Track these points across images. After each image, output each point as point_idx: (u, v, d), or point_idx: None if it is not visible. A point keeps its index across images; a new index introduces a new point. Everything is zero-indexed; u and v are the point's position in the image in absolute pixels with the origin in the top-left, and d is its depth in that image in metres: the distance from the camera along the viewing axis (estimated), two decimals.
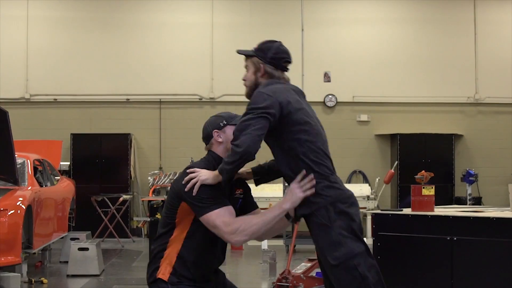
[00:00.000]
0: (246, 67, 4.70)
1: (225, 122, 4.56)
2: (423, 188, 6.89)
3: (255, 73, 4.63)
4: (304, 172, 4.39)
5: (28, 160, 11.41)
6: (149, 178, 16.16)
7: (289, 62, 4.70)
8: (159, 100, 17.47)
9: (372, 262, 4.41)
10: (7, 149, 9.76)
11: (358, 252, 4.34)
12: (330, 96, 17.96)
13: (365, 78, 18.08)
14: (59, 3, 17.97)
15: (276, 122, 4.36)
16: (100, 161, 17.18)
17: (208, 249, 4.44)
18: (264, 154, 4.83)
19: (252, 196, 4.78)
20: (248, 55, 4.69)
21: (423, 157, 17.53)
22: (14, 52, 17.61)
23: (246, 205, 4.69)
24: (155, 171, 16.32)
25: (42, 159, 12.48)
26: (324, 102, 17.94)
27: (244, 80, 4.70)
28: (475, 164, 17.99)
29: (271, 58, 4.61)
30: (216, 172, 4.34)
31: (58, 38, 17.79)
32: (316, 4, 18.02)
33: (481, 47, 18.41)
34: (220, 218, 4.25)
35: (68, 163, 16.98)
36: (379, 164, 18.03)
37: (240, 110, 4.55)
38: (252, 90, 4.60)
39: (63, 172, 16.16)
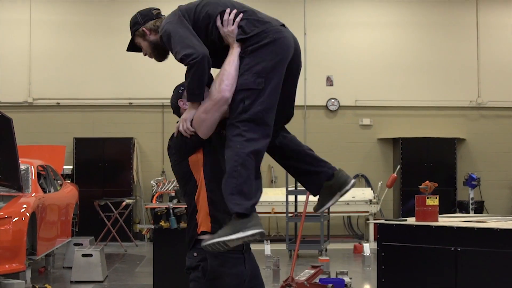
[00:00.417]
0: (139, 45, 4.62)
1: (183, 88, 4.47)
2: (427, 198, 6.91)
3: (145, 39, 4.57)
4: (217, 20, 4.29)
5: (32, 166, 11.44)
6: (152, 182, 16.17)
7: (158, 9, 4.63)
8: (162, 104, 17.48)
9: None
10: (11, 156, 9.78)
11: None
12: (332, 100, 17.99)
13: (368, 82, 18.11)
14: (61, 7, 18.01)
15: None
16: (103, 165, 17.22)
17: None
18: None
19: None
20: (132, 39, 4.65)
21: (426, 161, 17.55)
22: (17, 56, 17.65)
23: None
24: (159, 178, 16.34)
25: (46, 165, 12.50)
26: (326, 106, 17.97)
27: (149, 56, 4.64)
28: (477, 168, 18.01)
29: (143, 19, 4.55)
30: (189, 104, 4.32)
31: (61, 42, 17.82)
32: (319, 8, 18.05)
33: (483, 51, 18.43)
34: None
35: (71, 167, 17.03)
36: (382, 168, 18.05)
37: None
38: (160, 50, 4.53)
39: (66, 176, 16.21)
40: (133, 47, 4.70)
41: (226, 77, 4.17)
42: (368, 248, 13.25)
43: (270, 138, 4.23)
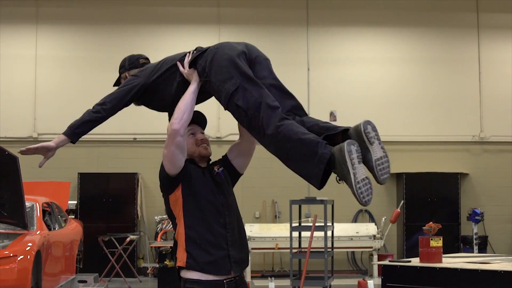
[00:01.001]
0: None
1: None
2: (431, 239, 6.96)
3: None
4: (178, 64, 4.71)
5: (37, 204, 11.49)
6: (156, 218, 16.20)
7: (146, 57, 5.20)
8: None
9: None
10: (17, 194, 9.83)
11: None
12: None
13: (371, 117, 17.82)
14: (66, 43, 18.16)
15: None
16: (107, 200, 17.25)
17: (207, 216, 4.55)
18: None
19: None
20: (118, 78, 5.21)
21: (429, 196, 17.57)
22: (23, 91, 17.77)
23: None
24: (163, 216, 16.37)
25: (51, 202, 12.55)
26: None
27: None
28: (480, 202, 18.03)
29: (129, 65, 5.13)
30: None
31: (66, 77, 17.95)
32: (322, 44, 18.20)
33: (485, 86, 18.53)
34: None
35: (75, 202, 17.04)
36: (385, 203, 18.06)
37: None
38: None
39: (70, 211, 16.24)
40: (119, 84, 5.11)
41: (175, 111, 4.51)
42: (372, 284, 13.24)
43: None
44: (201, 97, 4.73)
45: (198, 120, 4.82)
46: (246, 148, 4.93)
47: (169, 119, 4.66)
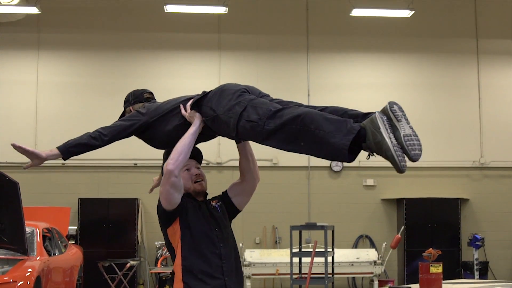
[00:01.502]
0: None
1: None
2: (431, 266, 6.96)
3: None
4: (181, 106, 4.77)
5: (37, 229, 11.50)
6: (156, 244, 16.18)
7: (150, 92, 5.27)
8: None
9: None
10: (17, 219, 9.86)
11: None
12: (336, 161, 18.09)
13: None
14: (68, 69, 18.23)
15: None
16: (107, 225, 17.24)
17: (203, 247, 4.68)
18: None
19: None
20: (122, 112, 5.30)
21: (430, 221, 17.55)
22: (24, 116, 17.81)
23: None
24: (164, 242, 16.33)
25: (51, 227, 12.56)
26: (330, 167, 18.06)
27: None
28: (481, 228, 18.01)
29: (133, 99, 5.22)
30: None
31: (67, 103, 18.00)
32: (322, 70, 18.27)
33: (485, 111, 18.59)
34: None
35: (76, 227, 17.03)
36: (386, 229, 18.05)
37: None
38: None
39: (70, 237, 16.23)
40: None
41: (172, 152, 4.62)
42: None
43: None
44: (201, 139, 4.84)
45: (194, 154, 4.90)
46: (247, 188, 5.09)
47: (164, 160, 4.84)
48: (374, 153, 4.08)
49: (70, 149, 4.67)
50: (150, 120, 4.85)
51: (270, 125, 4.23)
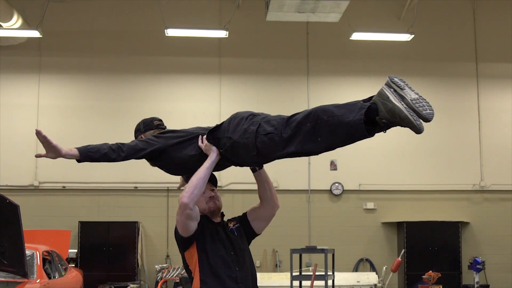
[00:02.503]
0: None
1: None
2: None
3: None
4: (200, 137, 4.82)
5: (37, 252, 11.47)
6: (156, 267, 16.16)
7: (159, 119, 5.32)
8: (167, 188, 17.59)
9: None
10: (17, 242, 9.83)
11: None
12: (336, 184, 18.11)
13: (371, 166, 18.23)
14: (68, 93, 18.29)
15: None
16: (107, 248, 17.22)
17: (219, 271, 4.75)
18: None
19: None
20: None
21: (430, 245, 17.52)
22: (24, 139, 17.81)
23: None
24: (163, 264, 16.34)
25: (51, 250, 12.53)
26: (330, 190, 18.07)
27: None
28: (481, 251, 17.99)
29: (144, 128, 5.25)
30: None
31: (68, 126, 18.02)
32: (322, 93, 18.29)
33: (485, 135, 18.62)
34: None
35: (76, 250, 17.01)
36: (386, 252, 18.02)
37: (248, 199, 4.82)
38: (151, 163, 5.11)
39: (70, 260, 16.19)
40: None
41: (188, 184, 4.68)
42: None
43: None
44: (216, 169, 4.86)
45: (209, 178, 4.92)
46: (266, 214, 5.14)
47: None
48: (390, 123, 4.16)
49: (88, 153, 4.74)
50: (166, 145, 4.87)
51: (287, 131, 4.32)
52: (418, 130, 4.16)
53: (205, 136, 4.78)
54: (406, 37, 17.42)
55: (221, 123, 4.81)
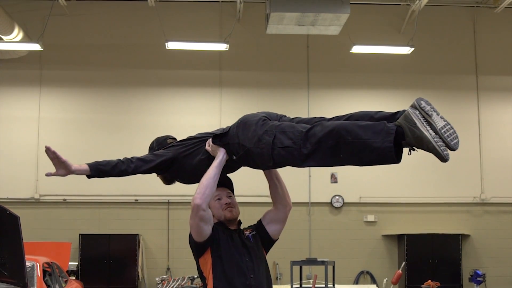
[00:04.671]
0: None
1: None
2: None
3: None
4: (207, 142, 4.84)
5: (38, 264, 11.45)
6: (156, 280, 16.12)
7: (173, 137, 5.32)
8: (167, 201, 17.61)
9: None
10: (18, 253, 9.80)
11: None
12: (337, 197, 18.11)
13: (372, 178, 18.23)
14: (69, 106, 18.32)
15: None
16: (108, 261, 17.22)
17: (233, 278, 4.69)
18: None
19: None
20: None
21: (431, 257, 17.51)
22: (25, 152, 17.87)
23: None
24: (164, 276, 16.32)
25: (51, 262, 12.51)
26: (331, 203, 18.07)
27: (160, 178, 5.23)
28: (482, 263, 17.97)
29: (157, 146, 5.24)
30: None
31: (68, 139, 18.04)
32: (322, 106, 18.33)
33: (485, 148, 18.63)
34: None
35: (76, 263, 17.02)
36: (387, 265, 18.01)
37: (253, 211, 4.79)
38: (167, 176, 5.14)
39: (71, 272, 16.18)
40: None
41: (198, 186, 4.63)
42: None
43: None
44: (227, 171, 4.87)
45: (225, 183, 4.95)
46: (279, 216, 5.15)
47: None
48: (415, 148, 4.18)
49: (99, 166, 4.75)
50: (175, 154, 4.89)
51: (307, 146, 4.26)
52: (444, 159, 4.12)
53: (210, 140, 4.79)
54: (406, 50, 17.47)
55: (227, 127, 4.82)
